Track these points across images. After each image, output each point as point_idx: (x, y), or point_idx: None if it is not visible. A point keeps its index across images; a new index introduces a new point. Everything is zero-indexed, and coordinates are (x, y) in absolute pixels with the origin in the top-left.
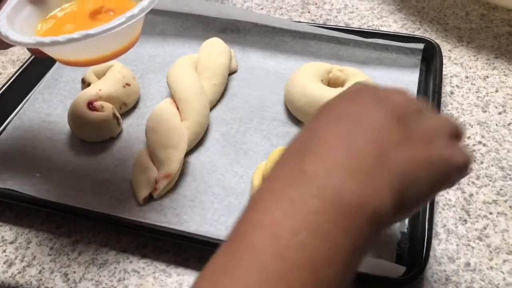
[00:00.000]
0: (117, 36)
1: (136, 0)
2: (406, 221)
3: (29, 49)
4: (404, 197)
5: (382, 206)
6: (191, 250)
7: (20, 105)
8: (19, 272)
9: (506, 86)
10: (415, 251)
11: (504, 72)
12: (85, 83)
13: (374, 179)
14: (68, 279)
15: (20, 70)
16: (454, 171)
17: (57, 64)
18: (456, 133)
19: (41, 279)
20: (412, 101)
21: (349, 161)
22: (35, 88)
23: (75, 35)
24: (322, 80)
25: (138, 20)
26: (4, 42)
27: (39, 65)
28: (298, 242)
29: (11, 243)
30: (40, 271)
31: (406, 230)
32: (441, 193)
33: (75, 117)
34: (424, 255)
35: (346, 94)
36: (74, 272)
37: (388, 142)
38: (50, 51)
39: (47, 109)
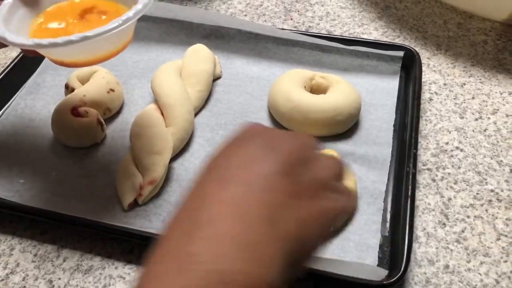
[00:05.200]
0: (112, 39)
1: (125, 4)
2: (387, 225)
3: (23, 49)
4: (295, 256)
5: (271, 280)
6: None
7: (2, 110)
8: (2, 280)
9: (482, 93)
10: (396, 254)
11: (480, 79)
12: (69, 89)
13: (264, 250)
14: (53, 285)
15: (1, 75)
16: (340, 216)
17: (39, 69)
18: (340, 175)
19: (25, 286)
20: (302, 147)
21: (239, 233)
22: (17, 94)
23: (73, 37)
24: (305, 87)
25: (132, 23)
26: None
27: (20, 70)
28: None
29: None
30: (24, 278)
31: (387, 234)
32: (421, 197)
33: (59, 123)
34: (405, 258)
35: (233, 143)
36: (59, 278)
37: (278, 202)
38: (46, 52)
39: (30, 114)
